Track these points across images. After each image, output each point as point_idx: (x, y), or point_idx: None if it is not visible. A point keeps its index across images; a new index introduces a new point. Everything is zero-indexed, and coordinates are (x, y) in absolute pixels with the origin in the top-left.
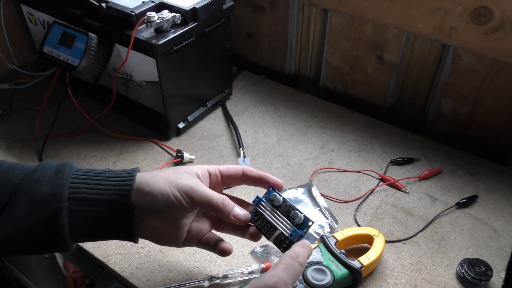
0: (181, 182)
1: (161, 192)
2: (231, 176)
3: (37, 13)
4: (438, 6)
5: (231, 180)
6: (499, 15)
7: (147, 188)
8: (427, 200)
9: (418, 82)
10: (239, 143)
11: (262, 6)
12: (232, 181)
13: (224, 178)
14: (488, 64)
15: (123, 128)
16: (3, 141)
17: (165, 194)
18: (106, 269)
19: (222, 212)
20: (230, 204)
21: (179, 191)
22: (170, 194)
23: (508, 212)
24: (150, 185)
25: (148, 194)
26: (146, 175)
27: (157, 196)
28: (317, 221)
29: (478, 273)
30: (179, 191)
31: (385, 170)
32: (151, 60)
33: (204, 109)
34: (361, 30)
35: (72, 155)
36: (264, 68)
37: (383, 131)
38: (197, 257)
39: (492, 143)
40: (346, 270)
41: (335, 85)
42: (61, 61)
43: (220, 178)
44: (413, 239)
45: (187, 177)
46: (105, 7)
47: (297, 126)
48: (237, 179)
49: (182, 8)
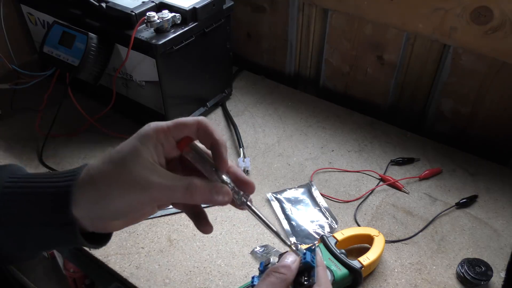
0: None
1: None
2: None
3: (37, 13)
4: (438, 6)
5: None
6: (499, 15)
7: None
8: (427, 200)
9: (418, 82)
10: (239, 143)
11: (262, 6)
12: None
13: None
14: (488, 64)
15: (123, 128)
16: (3, 141)
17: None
18: (106, 269)
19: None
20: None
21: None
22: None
23: (508, 212)
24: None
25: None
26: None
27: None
28: (317, 221)
29: (478, 273)
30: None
31: (385, 170)
32: (151, 60)
33: (204, 109)
34: (361, 30)
35: (72, 155)
36: (264, 68)
37: (383, 131)
38: (197, 257)
39: (492, 143)
40: (346, 270)
41: (335, 85)
42: (61, 61)
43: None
44: (413, 239)
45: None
46: (105, 7)
47: (297, 126)
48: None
49: (182, 8)
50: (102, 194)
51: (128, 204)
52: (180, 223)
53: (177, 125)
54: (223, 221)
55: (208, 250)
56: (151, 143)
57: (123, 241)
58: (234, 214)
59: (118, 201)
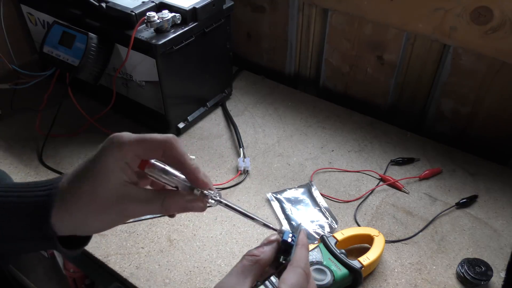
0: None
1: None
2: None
3: (37, 13)
4: (438, 6)
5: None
6: (499, 15)
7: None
8: (427, 200)
9: (418, 82)
10: (239, 143)
11: (262, 6)
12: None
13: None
14: (488, 64)
15: (123, 128)
16: (3, 141)
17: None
18: (106, 269)
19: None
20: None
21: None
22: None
23: (508, 212)
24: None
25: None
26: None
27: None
28: (317, 221)
29: (478, 273)
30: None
31: (385, 170)
32: (151, 60)
33: (204, 109)
34: (361, 30)
35: (72, 155)
36: (264, 68)
37: (383, 131)
38: (197, 257)
39: (492, 143)
40: (346, 270)
41: (335, 85)
42: (61, 61)
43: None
44: (413, 239)
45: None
46: (105, 7)
47: (297, 126)
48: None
49: (182, 8)
50: (77, 220)
51: (105, 224)
52: (180, 223)
53: (140, 142)
54: (223, 221)
55: (208, 250)
56: (117, 164)
57: (123, 241)
58: (234, 214)
59: (94, 223)
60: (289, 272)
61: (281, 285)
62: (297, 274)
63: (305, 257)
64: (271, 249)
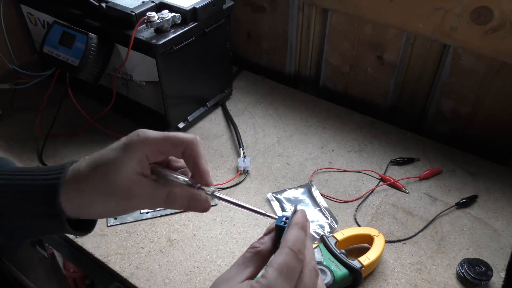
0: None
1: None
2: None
3: (37, 13)
4: (438, 6)
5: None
6: (499, 15)
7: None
8: (427, 200)
9: (418, 82)
10: (239, 143)
11: (262, 6)
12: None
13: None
14: (488, 64)
15: (123, 128)
16: (3, 141)
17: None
18: (106, 269)
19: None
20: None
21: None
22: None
23: (508, 212)
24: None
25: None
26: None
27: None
28: (317, 221)
29: (478, 273)
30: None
31: (385, 170)
32: (151, 60)
33: (204, 109)
34: (361, 30)
35: (72, 155)
36: (264, 68)
37: (383, 131)
38: (197, 257)
39: (492, 143)
40: (346, 270)
41: (335, 85)
42: (61, 61)
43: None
44: (413, 239)
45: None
46: (105, 7)
47: (297, 126)
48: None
49: (182, 8)
50: (85, 202)
51: (111, 210)
52: (180, 223)
53: (165, 140)
54: (223, 221)
55: (208, 250)
56: (136, 155)
57: (123, 241)
58: (234, 214)
59: (100, 208)
60: (276, 254)
61: (267, 270)
62: (283, 254)
63: (294, 236)
64: (270, 238)
